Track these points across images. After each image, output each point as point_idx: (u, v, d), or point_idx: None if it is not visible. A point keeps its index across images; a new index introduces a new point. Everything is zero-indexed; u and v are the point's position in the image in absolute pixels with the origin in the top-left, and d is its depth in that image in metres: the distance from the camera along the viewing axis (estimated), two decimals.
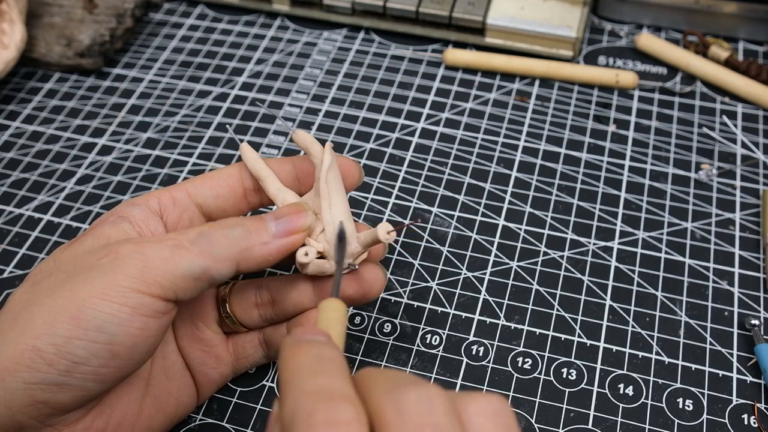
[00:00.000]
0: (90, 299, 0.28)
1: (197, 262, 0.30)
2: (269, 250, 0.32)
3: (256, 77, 0.55)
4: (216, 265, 0.30)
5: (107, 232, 0.32)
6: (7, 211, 0.46)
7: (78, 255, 0.31)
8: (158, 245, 0.30)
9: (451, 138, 0.50)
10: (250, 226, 0.32)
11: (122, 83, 0.55)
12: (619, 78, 0.53)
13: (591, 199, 0.46)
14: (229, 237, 0.31)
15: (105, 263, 0.29)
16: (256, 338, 0.36)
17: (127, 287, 0.29)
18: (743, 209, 0.46)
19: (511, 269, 0.43)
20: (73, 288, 0.29)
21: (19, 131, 0.52)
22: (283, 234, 0.32)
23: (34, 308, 0.29)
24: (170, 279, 0.29)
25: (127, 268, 0.29)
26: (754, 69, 0.53)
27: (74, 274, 0.30)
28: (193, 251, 0.30)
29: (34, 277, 0.31)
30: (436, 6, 0.55)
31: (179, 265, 0.30)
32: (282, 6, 0.59)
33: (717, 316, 0.40)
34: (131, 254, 0.29)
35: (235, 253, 0.31)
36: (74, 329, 0.28)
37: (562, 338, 0.40)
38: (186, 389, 0.35)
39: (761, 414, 0.37)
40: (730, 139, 0.50)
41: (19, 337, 0.28)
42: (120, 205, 0.34)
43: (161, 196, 0.34)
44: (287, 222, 0.32)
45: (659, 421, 0.36)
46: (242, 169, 0.36)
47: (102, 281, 0.29)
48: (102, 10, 0.56)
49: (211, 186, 0.35)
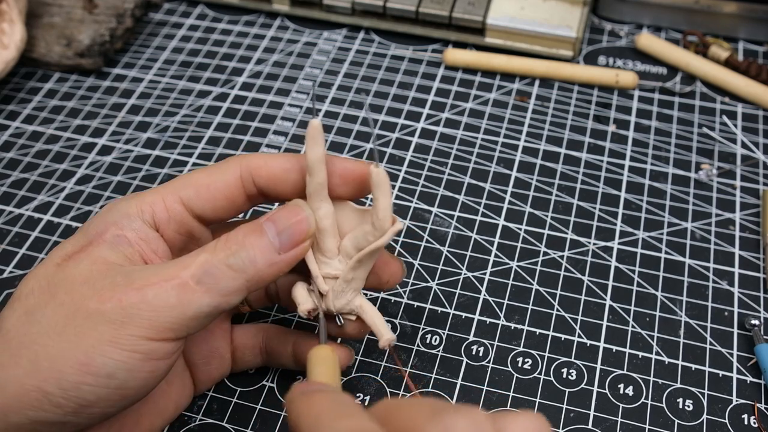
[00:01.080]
0: (99, 346, 0.28)
1: (205, 302, 0.29)
2: (279, 269, 0.30)
3: (256, 77, 0.55)
4: (225, 300, 0.29)
5: (104, 254, 0.30)
6: (7, 211, 0.46)
7: (75, 283, 0.29)
8: (162, 289, 0.28)
9: (451, 138, 0.50)
10: (252, 248, 0.30)
11: (122, 83, 0.55)
12: (619, 78, 0.53)
13: (591, 199, 0.46)
14: (234, 268, 0.29)
15: (110, 311, 0.28)
16: (258, 345, 0.37)
17: (138, 336, 0.28)
18: (743, 209, 0.46)
19: (511, 269, 0.43)
20: (78, 333, 0.28)
21: (19, 131, 0.52)
22: (288, 247, 0.30)
23: (37, 349, 0.28)
24: (181, 323, 0.29)
25: (135, 319, 0.28)
26: (754, 69, 0.53)
27: (76, 313, 0.28)
28: (199, 291, 0.29)
29: (26, 299, 0.30)
30: (436, 6, 0.55)
31: (188, 310, 0.28)
32: (282, 6, 0.59)
33: (717, 316, 0.40)
34: (137, 303, 0.28)
35: (242, 282, 0.29)
36: (84, 375, 0.27)
37: (562, 338, 0.40)
38: (184, 390, 0.35)
39: (761, 414, 0.37)
40: (730, 139, 0.50)
41: (23, 377, 0.27)
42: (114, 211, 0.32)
43: (155, 207, 0.32)
44: (291, 234, 0.30)
45: (659, 421, 0.36)
46: (243, 173, 0.32)
47: (109, 329, 0.28)
48: (102, 10, 0.56)
49: (207, 198, 0.32)
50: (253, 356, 0.37)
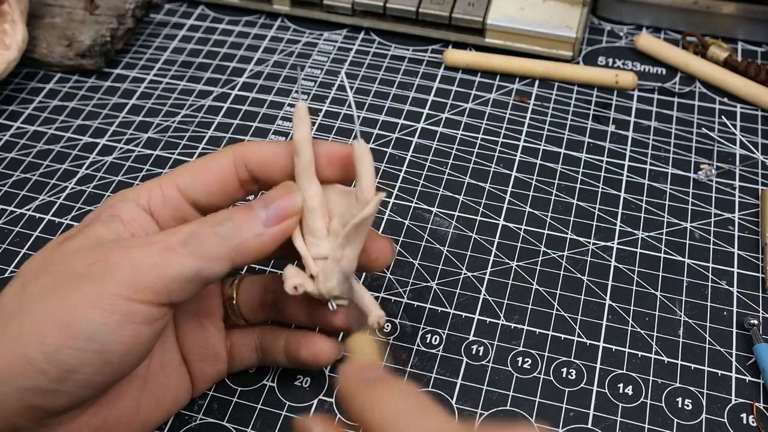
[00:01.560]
0: (79, 308, 0.28)
1: (188, 265, 0.29)
2: (263, 241, 0.31)
3: (257, 77, 0.55)
4: (208, 265, 0.29)
5: (98, 232, 0.31)
6: (9, 211, 0.47)
7: (67, 256, 0.30)
8: (147, 249, 0.29)
9: (451, 138, 0.50)
10: (239, 219, 0.30)
11: (123, 84, 0.55)
12: (619, 78, 0.53)
13: (590, 199, 0.46)
14: (219, 234, 0.30)
15: (94, 270, 0.28)
16: (253, 343, 0.37)
17: (117, 295, 0.28)
18: (742, 209, 0.46)
19: (510, 269, 0.43)
20: (62, 295, 0.28)
21: (20, 131, 0.52)
22: (275, 221, 0.31)
23: (24, 314, 0.28)
24: (162, 284, 0.29)
25: (116, 276, 0.28)
26: (753, 69, 0.53)
27: (64, 279, 0.29)
28: (183, 253, 0.29)
29: (23, 277, 0.30)
30: (436, 6, 0.55)
31: (170, 269, 0.29)
32: (282, 6, 0.59)
33: (716, 316, 0.41)
34: (120, 261, 0.29)
35: (227, 250, 0.30)
36: (64, 338, 0.27)
37: (561, 338, 0.40)
38: (183, 384, 0.35)
39: (760, 413, 0.37)
40: (729, 139, 0.50)
41: (9, 344, 0.28)
42: (112, 198, 0.33)
43: (151, 192, 0.32)
44: (277, 208, 0.31)
45: (658, 421, 0.36)
46: (236, 160, 0.33)
47: (91, 289, 0.28)
48: (103, 11, 0.56)
49: (202, 183, 0.33)
50: (249, 354, 0.37)
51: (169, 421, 0.37)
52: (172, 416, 0.36)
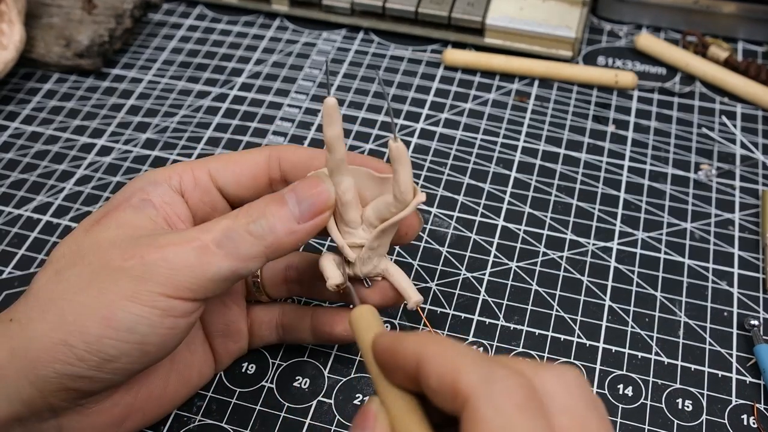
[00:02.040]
0: (120, 301, 0.29)
1: (224, 266, 0.29)
2: (298, 238, 0.31)
3: (255, 78, 0.55)
4: (244, 265, 0.30)
5: (131, 219, 0.31)
6: (6, 211, 0.46)
7: (102, 245, 0.30)
8: (183, 249, 0.29)
9: (450, 138, 0.50)
10: (272, 217, 0.30)
11: (121, 84, 0.55)
12: (619, 78, 0.53)
13: (590, 200, 0.46)
14: (253, 233, 0.30)
15: (132, 267, 0.29)
16: (274, 320, 0.37)
17: (156, 292, 0.29)
18: (742, 209, 0.46)
19: (510, 270, 0.43)
20: (102, 288, 0.29)
21: (18, 132, 0.52)
22: (309, 217, 0.31)
23: (63, 304, 0.29)
24: (199, 283, 0.29)
25: (154, 275, 0.29)
26: (754, 69, 0.53)
27: (101, 271, 0.29)
28: (219, 254, 0.29)
29: (56, 263, 0.31)
30: (436, 6, 0.55)
31: (207, 271, 0.29)
32: (281, 6, 0.59)
33: (716, 317, 0.40)
34: (157, 261, 0.29)
35: (262, 249, 0.30)
36: (106, 329, 0.28)
37: (561, 339, 0.40)
38: (207, 360, 0.36)
39: (761, 414, 0.37)
40: (729, 139, 0.50)
41: (50, 331, 0.29)
42: (142, 179, 0.33)
43: (183, 174, 0.33)
44: (311, 204, 0.31)
45: (659, 422, 0.36)
46: (271, 158, 0.34)
47: (131, 285, 0.29)
48: (101, 11, 0.56)
49: (234, 172, 0.34)
50: (269, 331, 0.37)
51: (168, 421, 0.36)
52: (196, 391, 0.37)
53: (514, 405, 0.21)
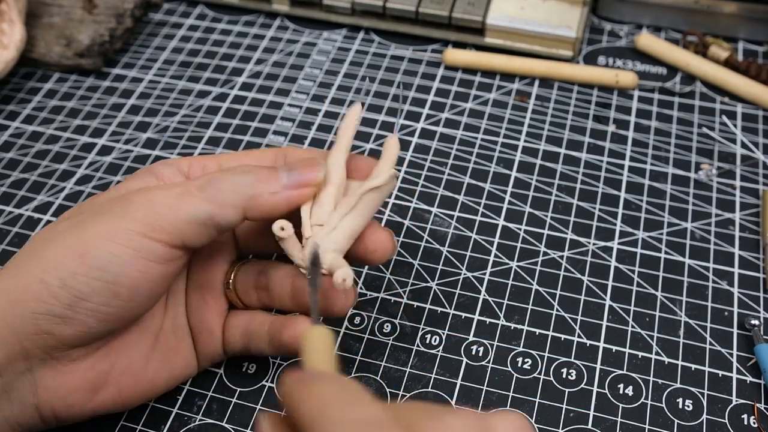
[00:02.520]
0: (96, 239, 0.30)
1: (202, 208, 0.30)
2: (277, 200, 0.32)
3: (256, 77, 0.55)
4: (221, 211, 0.31)
5: (130, 183, 0.33)
6: (7, 211, 0.46)
7: (98, 202, 0.33)
8: (166, 191, 0.31)
9: (450, 138, 0.50)
10: (260, 174, 0.32)
11: (122, 83, 0.55)
12: (619, 78, 0.53)
13: (591, 199, 0.46)
14: (237, 183, 0.31)
15: (116, 207, 0.31)
16: (242, 326, 0.36)
17: (133, 230, 0.30)
18: (743, 209, 0.46)
19: (510, 269, 0.43)
20: (83, 228, 0.30)
21: (18, 131, 0.52)
22: (294, 186, 0.32)
23: (47, 243, 0.31)
24: (175, 224, 0.30)
25: (133, 213, 0.30)
26: (754, 69, 0.53)
27: (87, 216, 0.31)
28: (198, 197, 0.31)
29: (56, 221, 0.33)
30: (436, 6, 0.55)
31: (184, 210, 0.30)
32: (281, 6, 0.59)
33: (717, 316, 0.40)
34: (140, 200, 0.31)
35: (241, 199, 0.31)
36: (79, 266, 0.29)
37: (561, 338, 0.40)
38: (191, 353, 0.36)
39: (761, 414, 0.37)
40: (729, 139, 0.50)
41: (29, 269, 0.30)
42: (156, 163, 0.35)
43: (193, 162, 0.35)
44: (299, 175, 0.32)
45: (659, 421, 0.36)
46: (278, 155, 0.35)
47: (110, 223, 0.30)
48: (102, 11, 0.56)
49: (241, 161, 0.35)
50: (237, 339, 0.36)
51: (168, 421, 0.36)
52: (178, 382, 0.36)
53: None
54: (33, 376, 0.31)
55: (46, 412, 0.31)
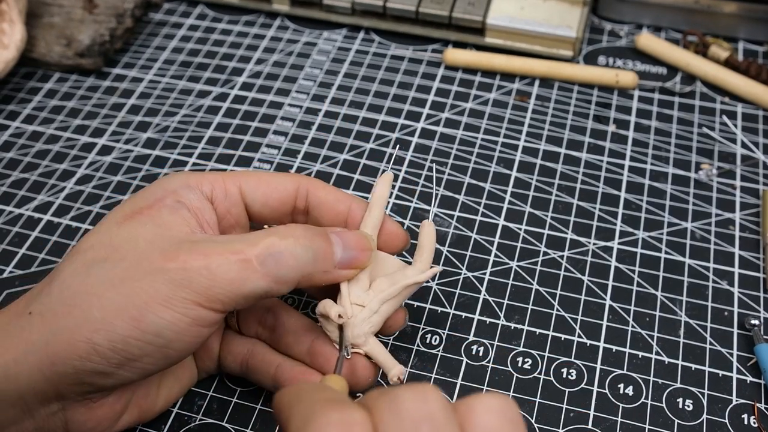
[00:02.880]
0: (152, 304, 0.29)
1: (261, 285, 0.30)
2: (329, 279, 0.32)
3: (256, 77, 0.55)
4: (278, 287, 0.30)
5: (167, 219, 0.31)
6: (7, 211, 0.46)
7: (138, 242, 0.30)
8: (226, 260, 0.29)
9: (450, 138, 0.50)
10: (319, 250, 0.31)
11: (122, 83, 0.55)
12: (619, 78, 0.53)
13: (591, 199, 0.46)
14: (297, 260, 0.30)
15: (173, 270, 0.29)
16: (241, 356, 0.36)
17: (190, 300, 0.29)
18: (743, 209, 0.46)
19: (511, 269, 0.43)
20: (135, 288, 0.29)
21: (18, 131, 0.52)
22: (345, 266, 0.32)
23: (92, 299, 0.29)
24: (233, 298, 0.30)
25: (193, 283, 0.29)
26: (754, 69, 0.53)
27: (137, 270, 0.29)
28: (259, 272, 0.30)
29: (85, 254, 0.31)
30: (436, 6, 0.55)
31: (245, 287, 0.29)
32: (282, 6, 0.59)
33: (717, 316, 0.40)
34: (199, 268, 0.29)
35: (298, 276, 0.31)
36: (133, 330, 0.29)
37: (562, 338, 0.40)
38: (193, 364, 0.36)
39: (761, 414, 0.37)
40: (730, 139, 0.50)
41: (75, 327, 0.29)
42: (174, 180, 0.33)
43: (215, 184, 0.34)
44: (353, 257, 0.32)
45: (659, 421, 0.36)
46: (300, 188, 0.35)
47: (166, 289, 0.29)
48: (102, 10, 0.56)
49: (264, 193, 0.34)
50: (234, 364, 0.36)
51: (168, 421, 0.36)
52: (184, 393, 0.37)
53: None
54: (65, 414, 0.31)
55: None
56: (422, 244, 0.35)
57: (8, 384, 0.29)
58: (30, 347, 0.29)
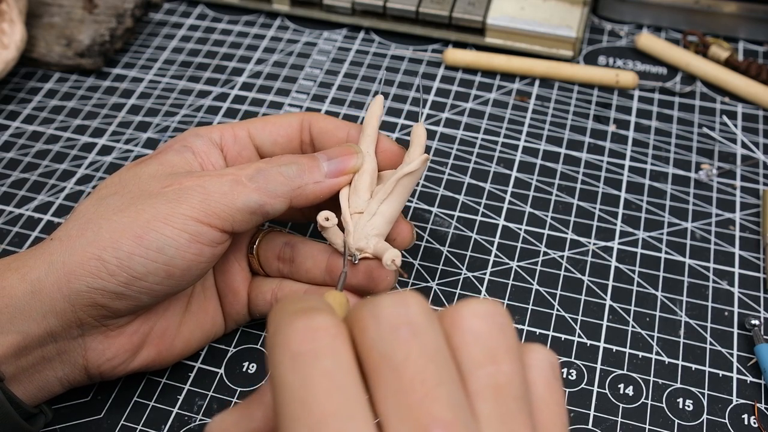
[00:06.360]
0: (153, 222, 0.31)
1: (253, 198, 0.33)
2: (321, 188, 0.34)
3: (256, 77, 0.55)
4: (271, 201, 0.33)
5: (171, 159, 0.35)
6: (7, 211, 0.46)
7: (142, 177, 0.34)
8: (219, 179, 0.33)
9: (451, 138, 0.50)
10: (304, 164, 0.34)
11: (122, 83, 0.55)
12: (619, 78, 0.53)
13: (591, 199, 0.46)
14: (284, 175, 0.33)
15: (169, 192, 0.32)
16: (270, 293, 0.38)
17: (189, 216, 0.32)
18: (743, 209, 0.46)
19: (511, 269, 0.43)
20: (138, 209, 0.32)
21: (19, 131, 0.52)
22: (334, 174, 0.35)
23: (101, 222, 0.32)
24: (228, 212, 0.32)
25: (189, 199, 0.32)
26: (754, 69, 0.53)
27: (140, 196, 0.33)
28: (250, 187, 0.33)
29: (99, 192, 0.34)
30: (436, 6, 0.55)
31: (237, 199, 0.32)
32: (282, 6, 0.59)
33: (717, 316, 0.40)
34: (194, 186, 0.32)
35: (288, 190, 0.33)
36: (137, 247, 0.31)
37: (562, 338, 0.40)
38: (219, 313, 0.38)
39: (761, 414, 0.37)
40: (730, 139, 0.50)
41: (86, 246, 0.31)
42: (185, 133, 0.36)
43: (224, 131, 0.37)
44: (339, 162, 0.35)
45: (659, 421, 0.36)
46: (303, 122, 0.37)
47: (166, 207, 0.32)
48: (102, 10, 0.56)
49: (270, 132, 0.37)
50: (265, 303, 0.38)
51: (168, 421, 0.36)
52: (208, 342, 0.38)
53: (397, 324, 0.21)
54: (84, 340, 0.33)
55: (92, 371, 0.34)
56: (412, 142, 0.37)
57: (34, 301, 0.31)
58: (50, 267, 0.31)
